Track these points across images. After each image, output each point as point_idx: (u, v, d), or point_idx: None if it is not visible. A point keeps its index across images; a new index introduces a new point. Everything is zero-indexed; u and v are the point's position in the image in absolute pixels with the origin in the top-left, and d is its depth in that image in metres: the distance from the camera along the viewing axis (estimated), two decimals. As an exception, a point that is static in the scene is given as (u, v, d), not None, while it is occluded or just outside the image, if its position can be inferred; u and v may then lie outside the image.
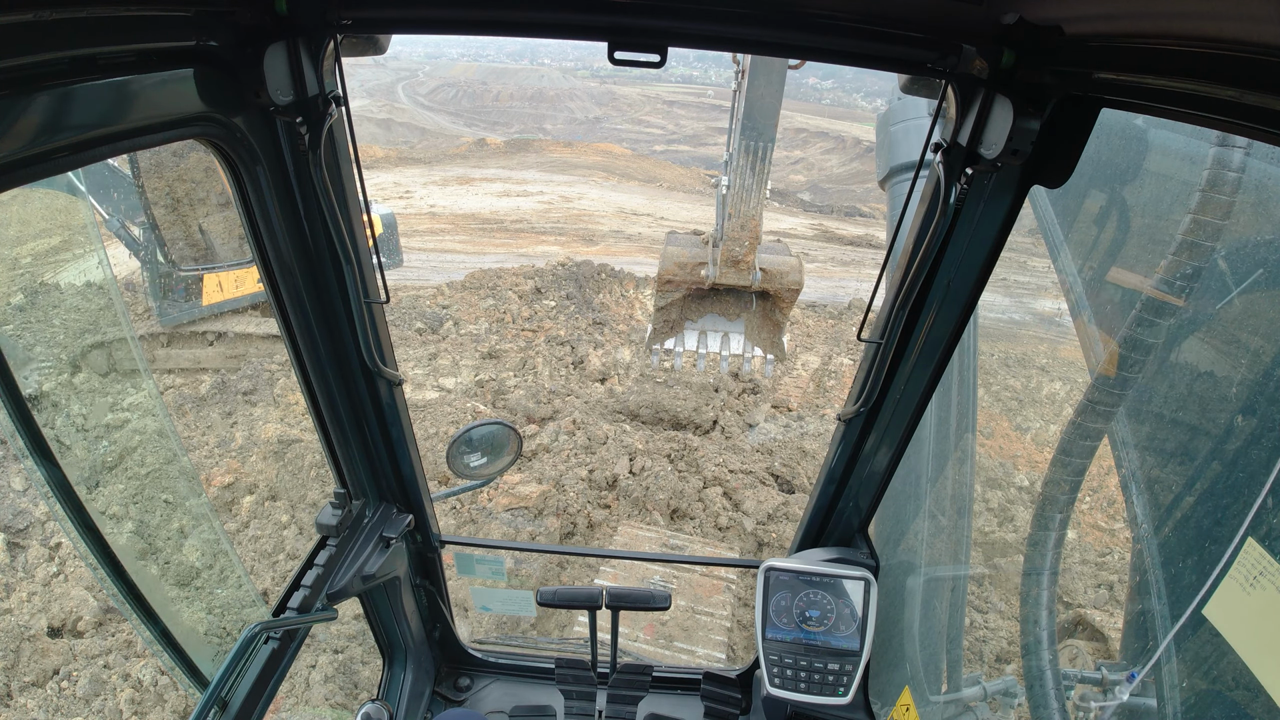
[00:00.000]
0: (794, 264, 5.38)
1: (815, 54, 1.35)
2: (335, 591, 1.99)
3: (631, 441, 9.82)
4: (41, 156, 0.97)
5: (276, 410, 10.65)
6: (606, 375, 12.58)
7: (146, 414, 9.26)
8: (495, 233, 22.73)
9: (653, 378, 12.05)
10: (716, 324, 5.85)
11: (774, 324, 5.73)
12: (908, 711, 2.43)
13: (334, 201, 1.50)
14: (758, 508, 8.61)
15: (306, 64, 1.33)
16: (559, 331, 13.76)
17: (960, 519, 2.83)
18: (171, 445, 9.08)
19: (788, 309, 5.61)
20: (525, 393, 11.22)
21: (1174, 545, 2.10)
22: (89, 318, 8.98)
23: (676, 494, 8.80)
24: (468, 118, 60.29)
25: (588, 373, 12.59)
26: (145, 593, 1.86)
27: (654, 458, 9.45)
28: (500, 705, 2.81)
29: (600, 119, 62.27)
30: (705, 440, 10.37)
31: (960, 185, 1.37)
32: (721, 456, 9.65)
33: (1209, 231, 2.00)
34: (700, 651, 6.45)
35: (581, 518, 8.55)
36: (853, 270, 21.41)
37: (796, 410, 11.69)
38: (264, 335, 12.26)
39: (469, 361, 12.45)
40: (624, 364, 13.06)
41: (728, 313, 5.84)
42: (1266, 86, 0.78)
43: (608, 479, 9.09)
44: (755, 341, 5.79)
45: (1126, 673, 2.23)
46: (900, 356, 1.74)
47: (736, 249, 5.08)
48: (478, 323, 13.96)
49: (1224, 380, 2.03)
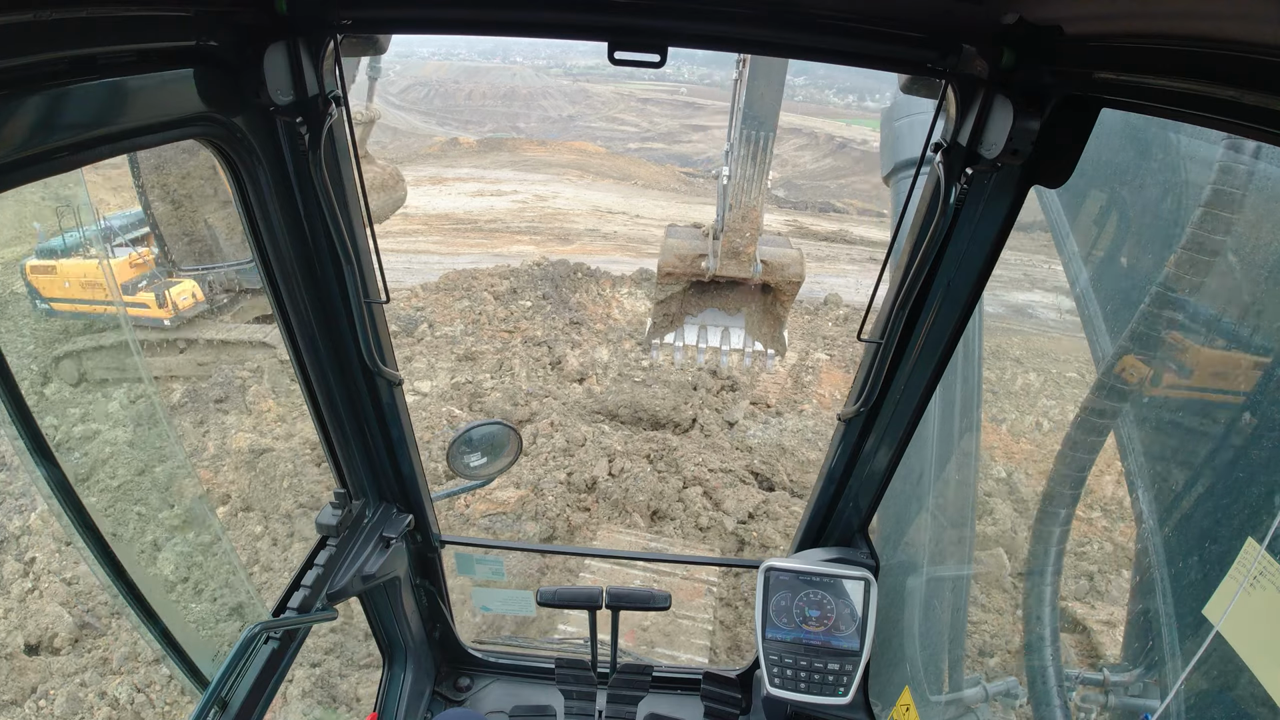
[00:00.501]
0: (795, 256, 5.35)
1: (815, 54, 1.35)
2: (335, 591, 1.99)
3: (610, 443, 9.80)
4: (41, 156, 0.97)
5: (249, 418, 10.62)
6: (584, 375, 12.57)
7: (145, 419, 9.27)
8: (469, 233, 22.73)
9: (630, 376, 12.04)
10: (717, 319, 5.81)
11: (774, 318, 5.70)
12: (908, 711, 2.43)
13: (334, 201, 1.50)
14: (738, 506, 8.60)
15: (306, 64, 1.33)
16: (535, 332, 13.75)
17: (963, 519, 2.82)
18: (172, 448, 9.08)
19: (789, 302, 5.58)
20: (502, 395, 11.19)
21: (1176, 543, 2.10)
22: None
23: (656, 495, 8.79)
24: (440, 117, 60.05)
25: (565, 373, 12.57)
26: (146, 593, 1.86)
27: (633, 459, 9.43)
28: (500, 705, 2.81)
29: (574, 117, 62.08)
30: (684, 439, 10.36)
31: (960, 185, 1.37)
32: (701, 456, 9.62)
33: (1219, 225, 1.98)
34: (683, 656, 6.43)
35: (561, 521, 8.53)
36: (828, 265, 21.50)
37: (775, 406, 11.71)
38: (238, 341, 12.07)
39: (445, 364, 12.44)
40: (602, 363, 13.08)
41: (728, 307, 5.81)
42: (1266, 86, 0.78)
43: (587, 481, 9.07)
44: (756, 336, 5.76)
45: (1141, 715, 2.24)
46: (900, 356, 1.74)
47: (737, 240, 5.03)
48: (453, 325, 13.95)
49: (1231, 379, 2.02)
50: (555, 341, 13.26)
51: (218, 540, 7.75)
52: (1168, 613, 2.07)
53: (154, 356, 12.15)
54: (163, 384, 11.66)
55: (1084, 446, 2.59)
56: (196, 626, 6.48)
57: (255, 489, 8.82)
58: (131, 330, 11.98)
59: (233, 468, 9.24)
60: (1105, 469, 6.44)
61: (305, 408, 1.93)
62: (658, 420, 10.76)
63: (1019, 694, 2.84)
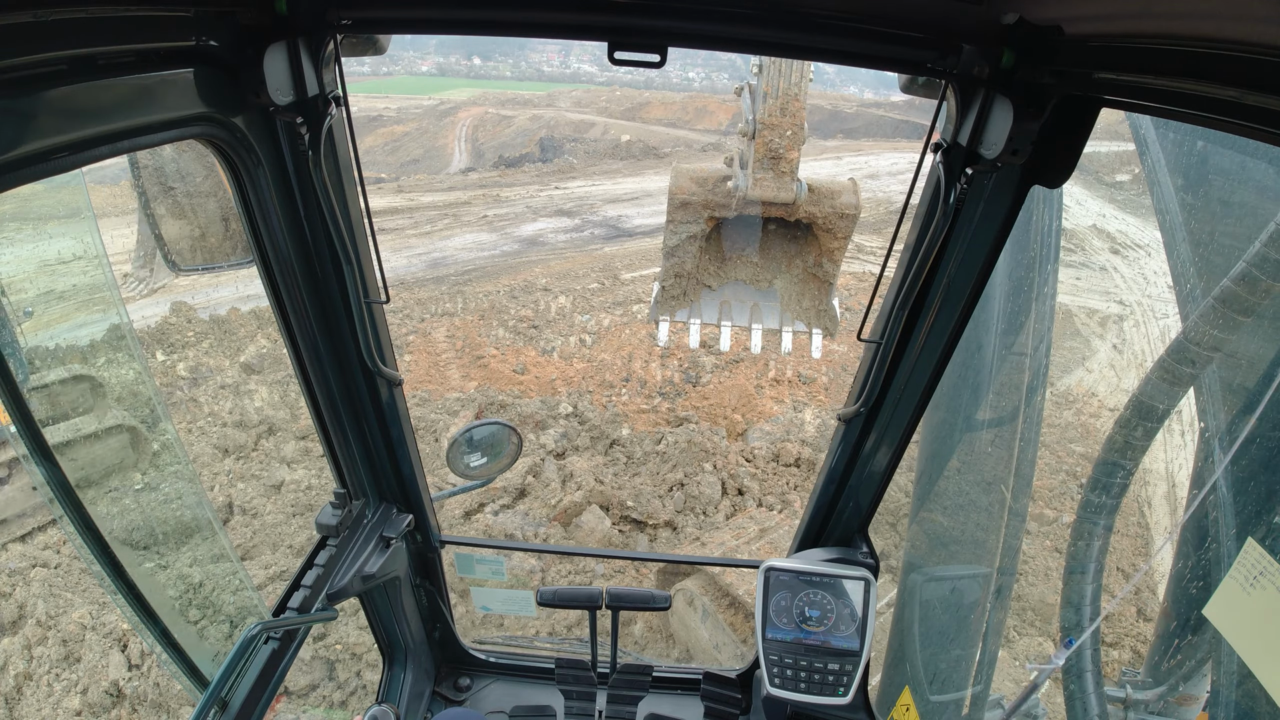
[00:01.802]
0: (847, 184, 3.89)
1: (815, 54, 1.35)
2: (335, 591, 1.99)
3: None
4: (41, 156, 0.97)
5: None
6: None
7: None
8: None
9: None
10: (743, 292, 4.37)
11: (820, 280, 4.16)
12: (908, 711, 2.43)
13: (334, 201, 1.51)
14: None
15: (306, 64, 1.33)
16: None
17: (992, 513, 2.71)
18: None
19: (840, 251, 4.00)
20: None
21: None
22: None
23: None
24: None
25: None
26: (146, 593, 1.86)
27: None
28: (500, 705, 2.81)
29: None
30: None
31: (960, 185, 1.37)
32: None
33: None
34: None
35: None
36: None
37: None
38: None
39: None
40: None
41: (763, 264, 4.27)
42: (1266, 86, 0.78)
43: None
44: (796, 311, 4.28)
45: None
46: (900, 356, 1.74)
47: (775, 139, 3.71)
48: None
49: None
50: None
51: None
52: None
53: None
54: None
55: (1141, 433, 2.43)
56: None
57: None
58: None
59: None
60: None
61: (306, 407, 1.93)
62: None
63: (1040, 714, 2.80)
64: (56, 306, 8.59)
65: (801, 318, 4.24)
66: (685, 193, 3.92)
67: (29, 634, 6.61)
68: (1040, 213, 2.43)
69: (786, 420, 11.00)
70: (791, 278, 4.29)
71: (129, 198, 10.52)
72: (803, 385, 12.32)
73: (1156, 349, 12.13)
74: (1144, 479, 8.87)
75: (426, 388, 11.66)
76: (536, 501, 8.51)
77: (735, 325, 4.36)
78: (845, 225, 3.88)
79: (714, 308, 4.37)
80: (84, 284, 9.62)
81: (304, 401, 1.94)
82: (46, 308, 8.35)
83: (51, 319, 8.89)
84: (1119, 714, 2.54)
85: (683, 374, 12.48)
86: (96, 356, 9.13)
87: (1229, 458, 2.04)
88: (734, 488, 8.91)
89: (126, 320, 11.93)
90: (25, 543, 7.97)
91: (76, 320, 9.59)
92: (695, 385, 12.14)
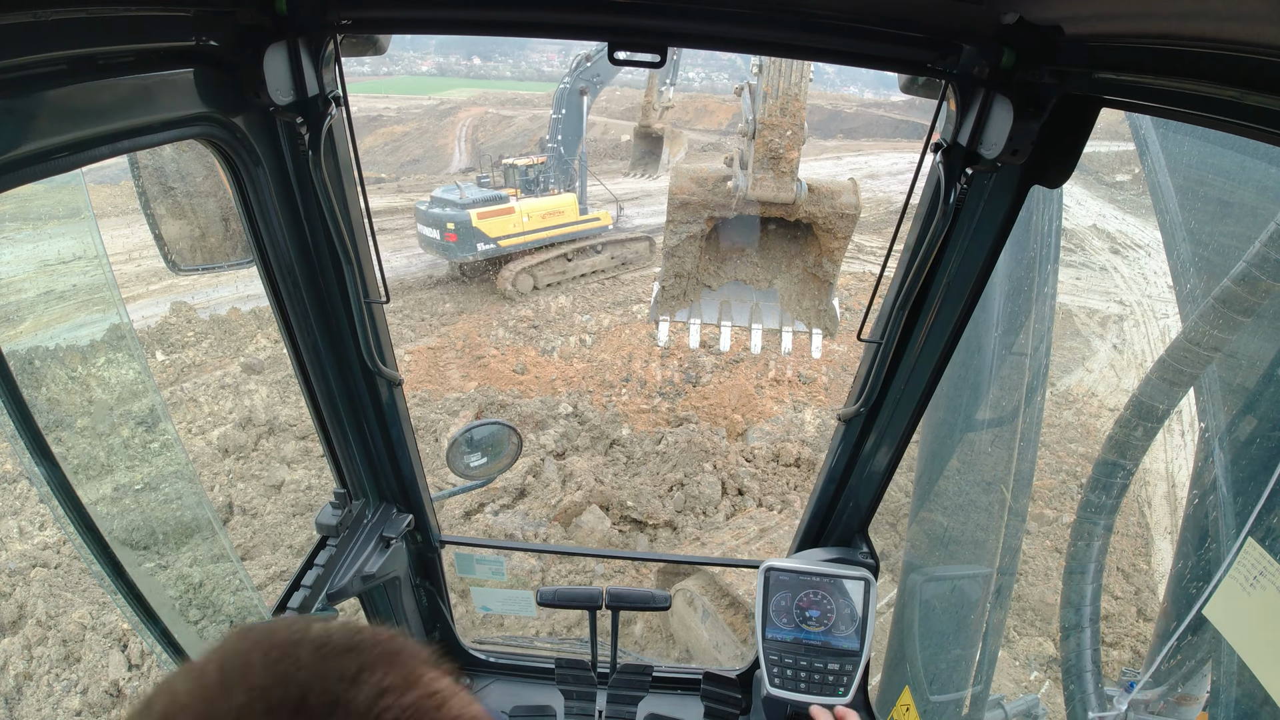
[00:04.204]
0: (848, 184, 3.95)
1: (815, 54, 1.36)
2: (335, 591, 1.99)
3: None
4: (41, 156, 0.96)
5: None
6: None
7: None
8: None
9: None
10: (743, 292, 4.41)
11: (820, 280, 4.19)
12: (908, 711, 2.43)
13: (334, 201, 1.51)
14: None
15: (306, 64, 1.33)
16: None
17: (993, 512, 2.70)
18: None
19: (840, 250, 4.06)
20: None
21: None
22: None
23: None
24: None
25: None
26: (146, 593, 1.86)
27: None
28: (500, 705, 2.81)
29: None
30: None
31: (960, 185, 1.37)
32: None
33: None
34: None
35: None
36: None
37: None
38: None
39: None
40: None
41: (763, 264, 4.34)
42: (1266, 86, 0.78)
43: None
44: (796, 311, 4.33)
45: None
46: (900, 356, 1.74)
47: (775, 139, 3.75)
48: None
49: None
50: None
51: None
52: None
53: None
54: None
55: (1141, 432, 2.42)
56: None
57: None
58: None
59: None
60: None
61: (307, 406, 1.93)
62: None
63: (1040, 714, 2.79)
64: (56, 306, 8.54)
65: (801, 318, 4.30)
66: (685, 193, 3.98)
67: (29, 634, 6.62)
68: (1040, 213, 2.43)
69: (786, 420, 11.01)
70: (791, 278, 4.33)
71: (129, 198, 10.61)
72: (803, 385, 12.34)
73: (1156, 349, 12.17)
74: (1144, 479, 8.89)
75: (426, 388, 11.68)
76: (536, 501, 8.53)
77: (735, 325, 4.40)
78: (845, 225, 3.93)
79: (714, 308, 4.41)
80: (84, 284, 9.56)
81: (304, 401, 1.94)
82: (46, 308, 8.30)
83: (52, 319, 8.84)
84: (1119, 714, 2.54)
85: (683, 374, 12.50)
86: (96, 356, 9.08)
87: (1229, 458, 2.05)
88: (734, 488, 8.93)
89: (126, 320, 11.92)
90: (25, 542, 7.97)
91: (76, 320, 9.52)
92: (695, 385, 12.15)
